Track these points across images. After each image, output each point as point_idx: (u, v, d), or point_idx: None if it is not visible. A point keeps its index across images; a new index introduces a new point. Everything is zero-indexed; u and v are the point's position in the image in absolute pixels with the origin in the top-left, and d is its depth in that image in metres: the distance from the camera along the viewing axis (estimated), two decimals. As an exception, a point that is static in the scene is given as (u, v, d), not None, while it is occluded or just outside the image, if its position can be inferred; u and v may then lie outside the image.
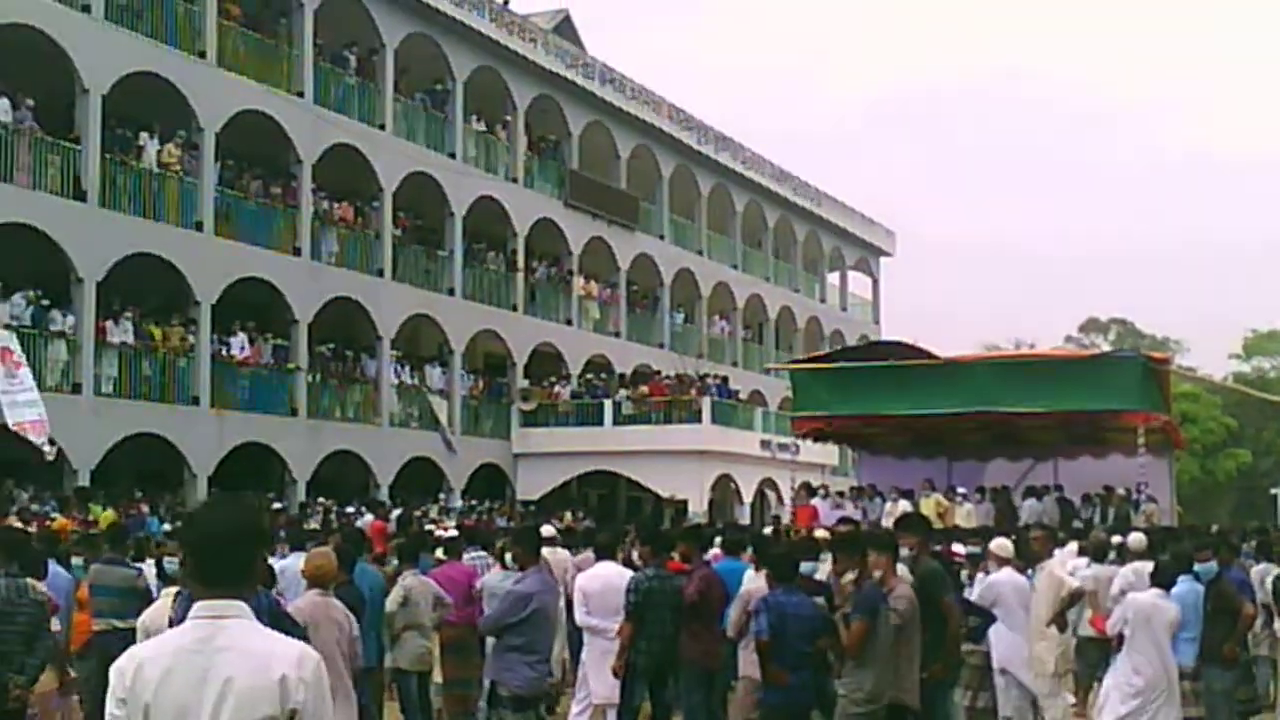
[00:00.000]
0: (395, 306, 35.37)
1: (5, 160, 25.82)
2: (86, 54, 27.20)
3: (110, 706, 3.92)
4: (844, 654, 9.42)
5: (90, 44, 27.33)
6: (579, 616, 12.45)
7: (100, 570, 12.64)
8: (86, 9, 27.41)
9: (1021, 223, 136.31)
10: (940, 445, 28.49)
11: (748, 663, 10.98)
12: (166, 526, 22.88)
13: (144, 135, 28.93)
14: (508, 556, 12.78)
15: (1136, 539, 14.74)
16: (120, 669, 3.92)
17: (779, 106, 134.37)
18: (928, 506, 24.79)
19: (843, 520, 15.26)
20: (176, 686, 3.84)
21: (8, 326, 25.10)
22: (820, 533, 16.90)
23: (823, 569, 11.59)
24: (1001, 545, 12.86)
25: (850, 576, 9.88)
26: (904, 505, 24.87)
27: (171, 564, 12.68)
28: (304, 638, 5.76)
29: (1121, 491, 25.22)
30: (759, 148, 53.66)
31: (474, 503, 34.98)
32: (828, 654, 9.78)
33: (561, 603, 12.90)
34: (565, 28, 46.18)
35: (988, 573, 12.82)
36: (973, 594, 12.56)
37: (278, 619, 7.35)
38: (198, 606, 3.97)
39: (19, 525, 17.33)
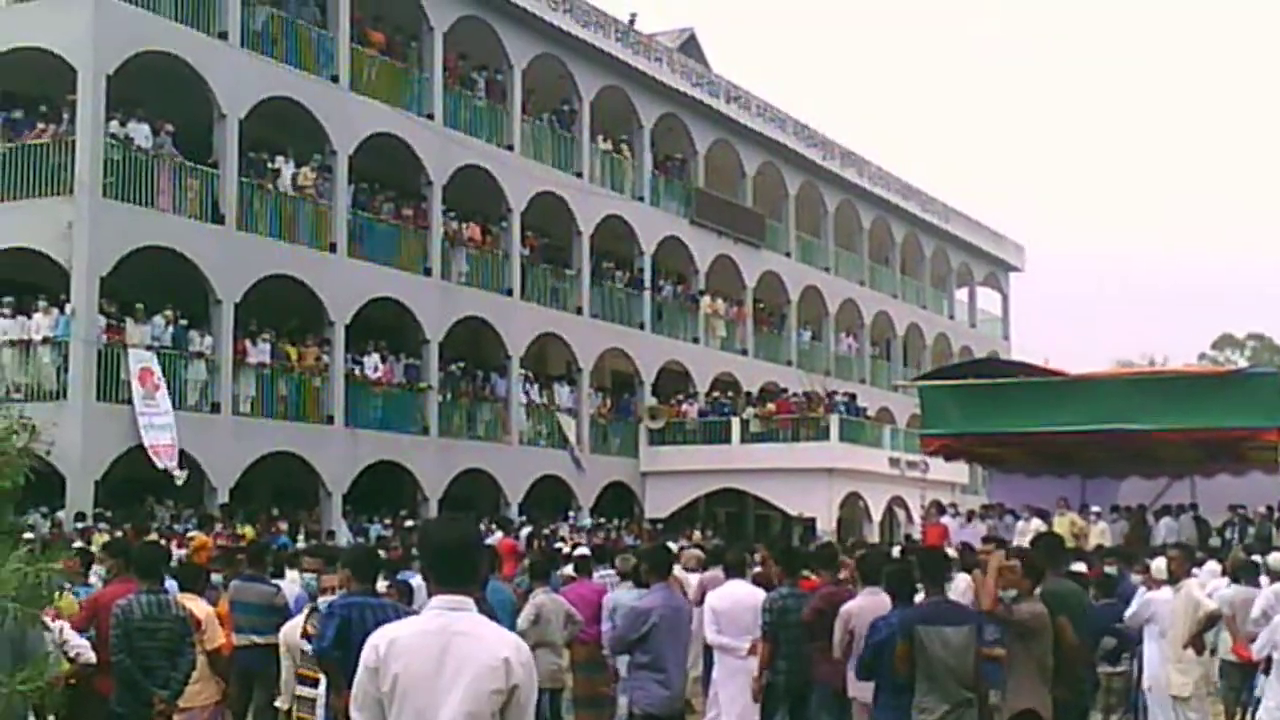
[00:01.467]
0: (524, 325, 35.66)
1: (146, 185, 26.43)
2: (224, 80, 27.81)
3: (361, 674, 4.79)
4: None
5: (228, 70, 27.94)
6: (709, 635, 12.43)
7: (240, 587, 12.86)
8: (224, 36, 28.04)
9: (1155, 236, 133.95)
10: (1073, 463, 28.01)
11: (855, 684, 10.89)
12: (300, 544, 23.25)
13: (279, 159, 29.47)
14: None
15: (1277, 559, 14.41)
16: (374, 644, 4.80)
17: (906, 121, 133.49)
18: (1061, 525, 24.41)
19: (987, 539, 15.07)
20: (419, 661, 4.71)
21: (149, 348, 25.76)
22: (950, 551, 16.72)
23: (951, 589, 11.45)
24: (1159, 566, 12.66)
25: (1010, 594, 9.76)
26: (1037, 524, 24.51)
27: (309, 580, 12.87)
28: None
29: (1262, 510, 24.66)
30: (886, 163, 53.37)
31: (602, 520, 35.10)
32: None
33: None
34: (690, 46, 46.30)
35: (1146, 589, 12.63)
36: (1128, 613, 12.36)
37: None
38: (435, 600, 4.85)
39: (160, 542, 17.70)
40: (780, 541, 24.99)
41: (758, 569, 14.68)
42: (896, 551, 19.24)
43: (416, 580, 13.39)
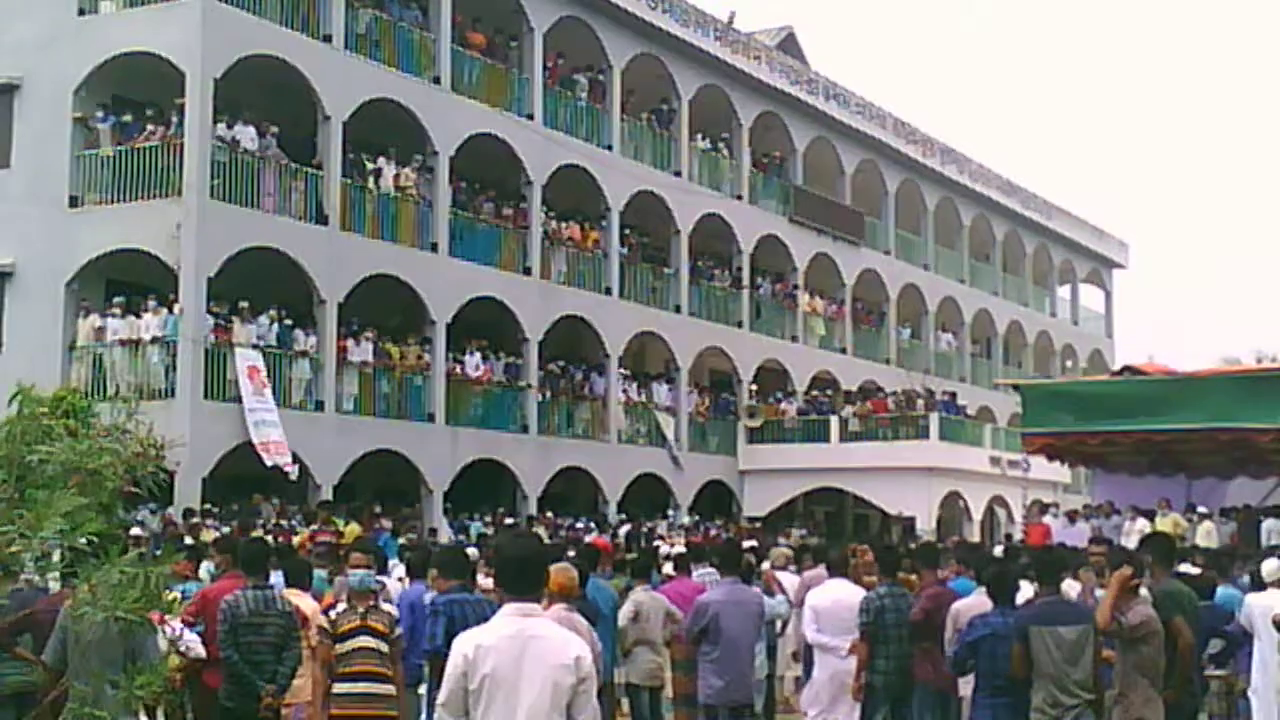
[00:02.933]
0: (622, 324, 35.78)
1: (252, 186, 26.84)
2: (328, 83, 28.16)
3: (453, 673, 5.48)
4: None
5: (331, 73, 28.29)
6: (809, 634, 12.41)
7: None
8: (328, 39, 28.39)
9: (1266, 229, 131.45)
10: (1179, 463, 27.60)
11: (963, 683, 10.86)
12: (401, 541, 23.47)
13: (381, 160, 29.77)
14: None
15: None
16: (462, 649, 5.52)
17: (1007, 117, 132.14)
18: (1165, 525, 24.07)
19: (1095, 540, 14.92)
20: (504, 662, 5.46)
21: (254, 347, 26.15)
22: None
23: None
24: (1271, 568, 12.46)
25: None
26: (1142, 524, 24.19)
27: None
28: None
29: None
30: (986, 159, 52.93)
31: (700, 519, 35.14)
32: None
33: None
34: (789, 44, 46.24)
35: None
36: (1240, 615, 12.19)
37: None
38: (508, 607, 5.61)
39: (265, 539, 17.97)
40: (879, 541, 24.89)
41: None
42: (998, 551, 19.15)
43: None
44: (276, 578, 11.47)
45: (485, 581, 14.34)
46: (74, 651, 8.46)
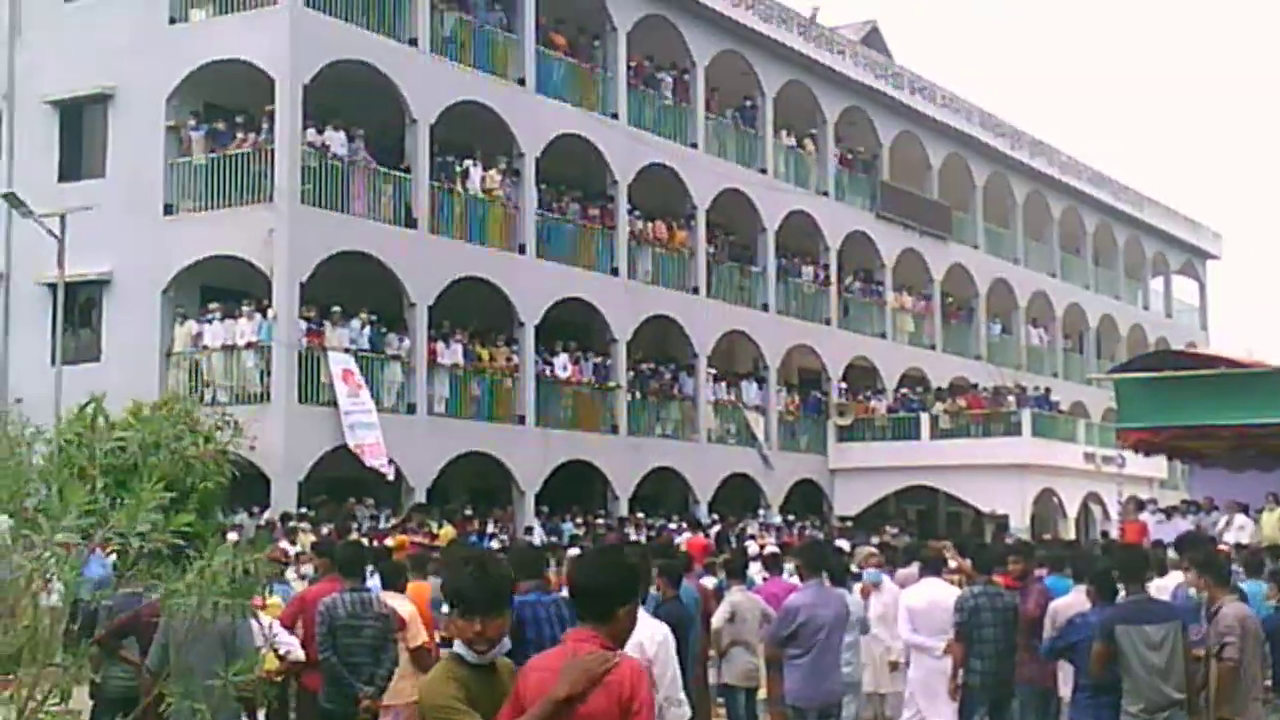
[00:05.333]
0: (710, 323, 35.71)
1: (342, 191, 27.06)
2: (414, 86, 28.34)
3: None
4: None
5: (418, 77, 28.47)
6: (904, 633, 12.33)
7: (439, 585, 13.11)
8: (414, 43, 28.57)
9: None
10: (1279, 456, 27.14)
11: (1063, 683, 10.73)
12: (494, 544, 23.58)
13: (468, 162, 29.90)
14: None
15: None
16: (640, 642, 6.31)
17: (1097, 107, 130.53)
18: (1269, 522, 23.66)
19: (1186, 539, 14.68)
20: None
21: (347, 350, 26.37)
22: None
23: (1151, 587, 11.19)
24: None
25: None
26: (1241, 520, 23.80)
27: None
28: None
29: None
30: (1076, 151, 52.33)
31: (791, 518, 35.01)
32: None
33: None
34: (874, 38, 45.97)
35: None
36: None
37: None
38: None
39: (361, 541, 18.12)
40: (972, 539, 24.66)
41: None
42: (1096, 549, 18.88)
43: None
44: (374, 580, 11.54)
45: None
46: (172, 648, 8.56)
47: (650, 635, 7.37)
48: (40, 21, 29.19)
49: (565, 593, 6.21)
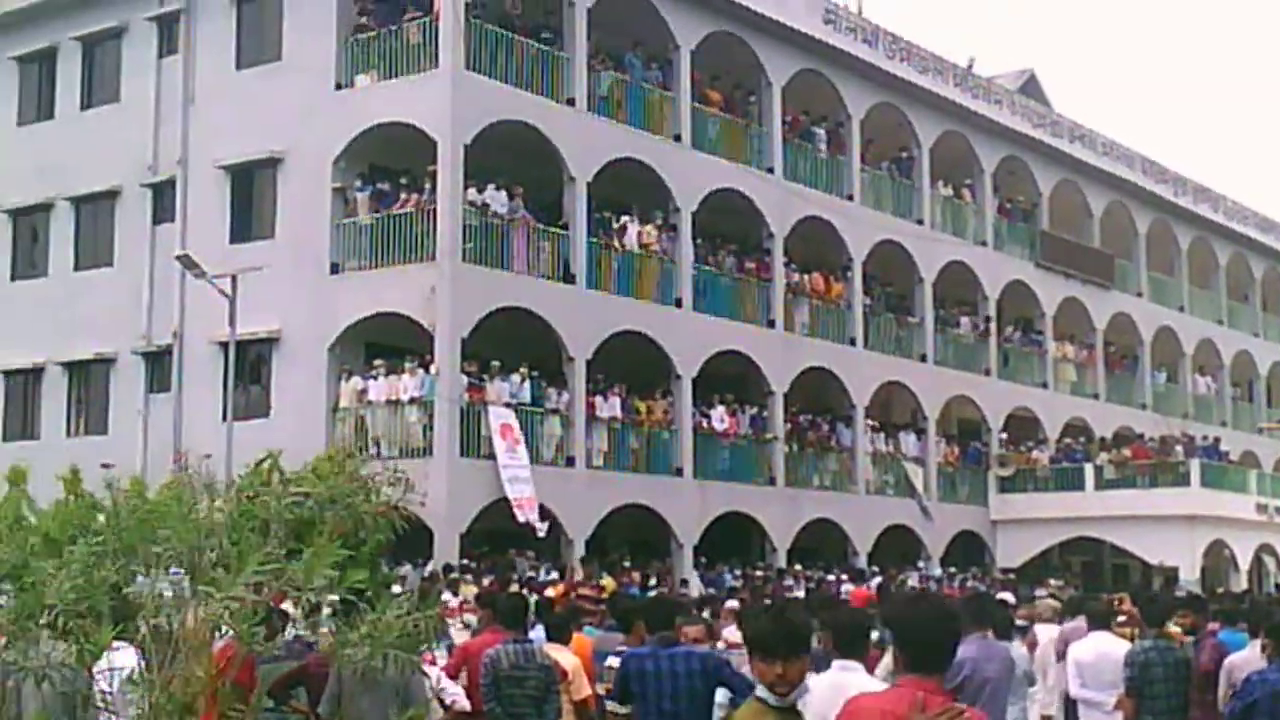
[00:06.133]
0: (868, 374, 35.54)
1: (502, 249, 27.51)
2: (572, 145, 28.75)
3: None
4: None
5: (575, 135, 28.88)
6: (1072, 688, 12.15)
7: (602, 638, 13.23)
8: (571, 102, 29.01)
9: None
10: None
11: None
12: (651, 595, 23.66)
13: (625, 218, 30.22)
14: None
15: None
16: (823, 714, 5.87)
17: (1263, 152, 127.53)
18: None
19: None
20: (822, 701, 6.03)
21: (507, 404, 26.74)
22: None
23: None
24: None
25: None
26: None
27: None
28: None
29: None
30: (1242, 196, 51.19)
31: (953, 570, 34.60)
32: None
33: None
34: (1031, 87, 45.53)
35: None
36: None
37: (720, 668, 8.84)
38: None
39: (523, 593, 18.33)
40: (1141, 592, 24.15)
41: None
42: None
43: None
44: (536, 632, 11.68)
45: (732, 634, 14.40)
46: (345, 697, 8.77)
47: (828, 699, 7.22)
48: (212, 90, 30.18)
49: (723, 645, 6.36)
